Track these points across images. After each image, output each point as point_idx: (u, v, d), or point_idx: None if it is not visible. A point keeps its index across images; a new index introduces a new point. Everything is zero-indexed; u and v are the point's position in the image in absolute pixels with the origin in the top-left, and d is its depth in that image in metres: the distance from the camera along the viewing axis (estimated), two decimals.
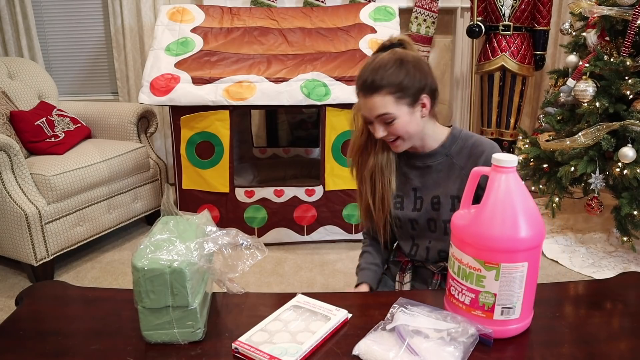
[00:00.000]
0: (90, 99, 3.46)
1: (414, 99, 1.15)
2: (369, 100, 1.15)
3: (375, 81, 1.13)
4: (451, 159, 1.24)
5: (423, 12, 3.28)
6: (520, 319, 0.90)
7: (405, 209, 1.30)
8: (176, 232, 0.92)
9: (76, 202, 2.39)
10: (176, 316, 0.88)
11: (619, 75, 2.28)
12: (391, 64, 1.14)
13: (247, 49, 2.66)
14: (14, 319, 1.01)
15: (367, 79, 1.14)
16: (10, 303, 2.09)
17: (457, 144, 1.24)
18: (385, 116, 1.14)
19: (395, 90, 1.13)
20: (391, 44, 1.20)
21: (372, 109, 1.15)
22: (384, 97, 1.13)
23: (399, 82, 1.13)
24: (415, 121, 1.17)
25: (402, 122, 1.15)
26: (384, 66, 1.14)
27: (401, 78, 1.13)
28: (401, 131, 1.16)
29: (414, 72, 1.14)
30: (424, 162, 1.27)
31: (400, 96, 1.13)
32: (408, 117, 1.16)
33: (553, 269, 2.42)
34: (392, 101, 1.13)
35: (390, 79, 1.13)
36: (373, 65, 1.15)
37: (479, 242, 0.86)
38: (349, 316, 0.97)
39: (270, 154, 3.41)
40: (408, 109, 1.15)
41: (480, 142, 1.22)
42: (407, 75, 1.13)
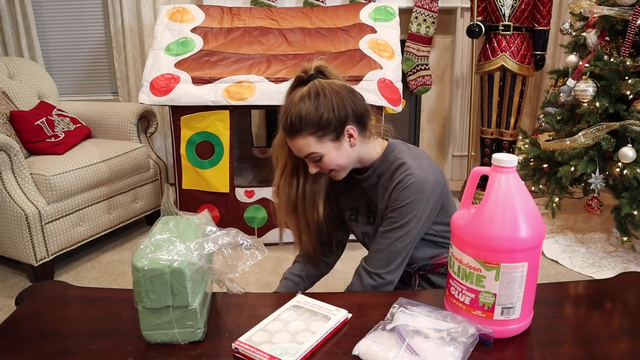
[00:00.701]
0: (90, 99, 3.46)
1: (338, 133, 1.13)
2: (292, 143, 1.15)
3: (294, 124, 1.11)
4: (380, 179, 1.23)
5: (423, 12, 3.28)
6: (520, 319, 0.90)
7: (360, 222, 1.32)
8: (176, 232, 0.92)
9: (76, 202, 2.39)
10: (176, 316, 0.88)
11: (619, 75, 2.28)
12: (307, 104, 1.11)
13: (247, 49, 2.66)
14: (14, 319, 1.01)
15: (287, 121, 1.12)
16: (10, 303, 2.09)
17: (386, 163, 1.21)
18: (312, 155, 1.14)
19: (316, 129, 1.11)
20: (309, 76, 1.16)
21: (297, 150, 1.15)
22: (306, 139, 1.12)
23: (317, 121, 1.10)
24: (345, 152, 1.16)
25: (330, 157, 1.14)
26: (301, 105, 1.11)
27: (319, 116, 1.10)
28: (332, 165, 1.16)
29: (332, 106, 1.11)
30: (362, 183, 1.27)
31: (321, 135, 1.12)
32: (335, 152, 1.14)
33: (553, 269, 2.42)
34: (314, 141, 1.12)
35: (308, 120, 1.10)
36: (291, 106, 1.12)
37: (479, 242, 0.86)
38: (349, 316, 0.97)
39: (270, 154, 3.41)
40: (333, 144, 1.14)
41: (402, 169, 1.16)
42: (326, 110, 1.10)
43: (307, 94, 1.12)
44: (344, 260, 2.51)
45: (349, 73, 2.49)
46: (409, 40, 3.35)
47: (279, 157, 1.24)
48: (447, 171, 3.78)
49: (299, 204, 1.26)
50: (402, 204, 1.14)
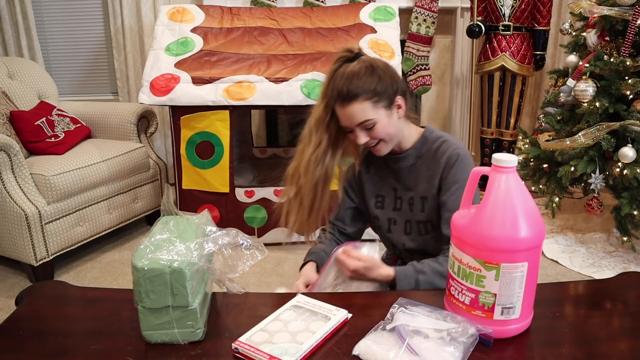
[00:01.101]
0: (90, 99, 3.46)
1: (390, 102, 1.19)
2: (347, 109, 1.17)
3: (351, 90, 1.15)
4: (420, 160, 1.28)
5: (423, 12, 3.28)
6: (520, 319, 0.90)
7: (386, 208, 1.34)
8: (176, 232, 0.92)
9: (76, 202, 2.39)
10: (176, 316, 0.88)
11: (619, 75, 2.28)
12: (363, 72, 1.17)
13: (247, 49, 2.66)
14: (14, 319, 1.01)
15: (342, 89, 1.16)
16: (10, 303, 2.09)
17: (426, 145, 1.28)
18: (366, 122, 1.17)
19: (372, 95, 1.16)
20: (354, 54, 1.22)
21: (351, 117, 1.17)
22: (362, 104, 1.16)
23: (373, 87, 1.16)
24: (394, 122, 1.21)
25: (382, 125, 1.19)
26: (356, 74, 1.16)
27: (375, 83, 1.16)
28: (382, 134, 1.20)
29: (385, 76, 1.18)
30: (397, 164, 1.30)
31: (377, 100, 1.17)
32: (387, 120, 1.19)
33: (553, 269, 2.42)
34: (370, 107, 1.16)
35: (365, 86, 1.16)
36: (346, 75, 1.17)
37: (479, 242, 0.86)
38: (349, 316, 0.97)
39: (270, 154, 3.41)
40: (385, 111, 1.19)
41: (446, 145, 1.25)
42: (380, 80, 1.17)
43: (362, 65, 1.17)
44: None
45: None
46: (409, 40, 3.35)
47: (315, 133, 1.25)
48: None
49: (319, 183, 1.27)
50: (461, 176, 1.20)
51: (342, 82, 1.17)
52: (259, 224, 2.62)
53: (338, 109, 1.19)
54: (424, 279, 1.16)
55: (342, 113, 1.19)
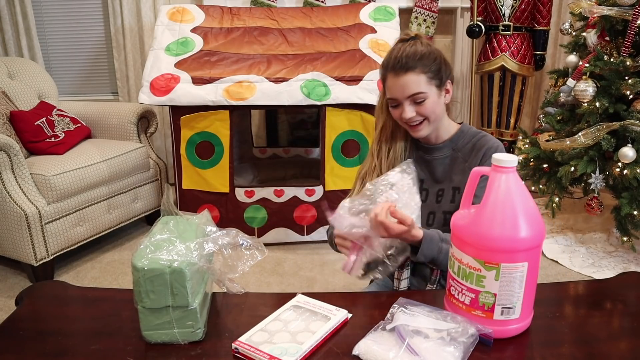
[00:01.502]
0: (90, 99, 3.46)
1: (442, 83, 1.22)
2: (401, 78, 1.18)
3: (410, 61, 1.17)
4: (457, 153, 1.28)
5: (423, 12, 3.28)
6: (520, 319, 0.90)
7: None
8: (176, 232, 0.92)
9: (76, 202, 2.39)
10: (176, 316, 0.88)
11: (619, 75, 2.28)
12: (422, 49, 1.19)
13: (247, 49, 2.66)
14: (14, 319, 1.01)
15: (401, 58, 1.18)
16: (10, 303, 2.09)
17: (464, 139, 1.28)
18: (418, 95, 1.18)
19: (429, 70, 1.18)
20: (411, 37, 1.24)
21: (405, 86, 1.19)
22: (418, 76, 1.17)
23: (430, 63, 1.19)
24: (441, 104, 1.23)
25: (432, 102, 1.20)
26: (415, 49, 1.19)
27: (432, 60, 1.19)
28: (429, 111, 1.20)
29: (440, 59, 1.21)
30: (431, 154, 1.30)
31: (431, 76, 1.19)
32: (436, 98, 1.21)
33: (553, 269, 2.42)
34: (425, 80, 1.18)
35: (424, 59, 1.18)
36: (404, 48, 1.19)
37: (479, 242, 0.86)
38: (349, 316, 0.97)
39: (270, 154, 3.41)
40: (437, 90, 1.21)
41: (485, 139, 1.26)
42: (436, 60, 1.20)
43: (420, 44, 1.20)
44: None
45: (349, 73, 2.49)
46: None
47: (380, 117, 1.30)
48: None
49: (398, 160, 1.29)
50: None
51: (400, 54, 1.19)
52: (259, 224, 2.62)
53: (391, 78, 1.20)
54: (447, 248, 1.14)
55: (394, 82, 1.20)
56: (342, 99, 2.43)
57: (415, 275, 1.32)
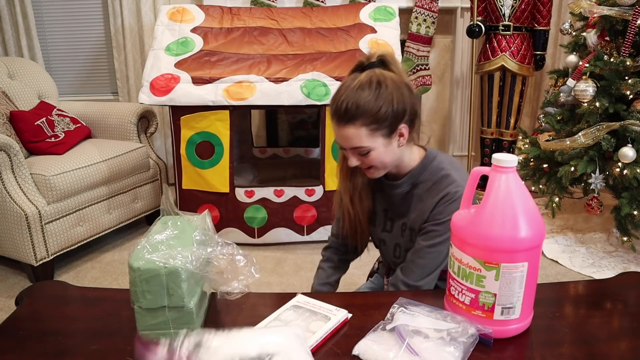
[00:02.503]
0: (90, 99, 3.46)
1: (391, 130, 1.07)
2: (341, 130, 1.07)
3: (350, 111, 1.03)
4: (415, 189, 1.18)
5: (423, 12, 3.28)
6: (520, 319, 0.90)
7: (377, 226, 1.27)
8: (174, 232, 0.92)
9: (76, 202, 2.39)
10: (172, 316, 0.88)
11: (619, 75, 2.28)
12: (367, 91, 1.04)
13: (247, 49, 2.66)
14: (14, 319, 1.01)
15: (340, 106, 1.05)
16: (10, 303, 2.09)
17: (425, 174, 1.17)
18: (360, 149, 1.07)
19: (371, 121, 1.04)
20: (369, 63, 1.09)
21: (344, 139, 1.08)
22: (358, 129, 1.04)
23: (374, 112, 1.03)
24: (392, 151, 1.10)
25: (377, 153, 1.08)
26: (359, 92, 1.04)
27: (378, 108, 1.03)
28: (376, 162, 1.10)
29: (392, 99, 1.05)
30: (390, 189, 1.22)
31: (375, 128, 1.05)
32: (384, 149, 1.08)
33: (553, 269, 2.42)
34: (367, 134, 1.05)
35: (366, 109, 1.03)
36: (348, 91, 1.05)
37: (479, 242, 0.86)
38: (349, 316, 0.97)
39: (270, 154, 3.41)
40: (384, 140, 1.07)
41: (446, 181, 1.13)
42: (385, 103, 1.04)
43: (368, 82, 1.04)
44: None
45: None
46: (409, 40, 3.35)
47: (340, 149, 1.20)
48: None
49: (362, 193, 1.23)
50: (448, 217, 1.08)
51: (342, 98, 1.05)
52: (259, 224, 2.62)
53: (334, 125, 1.09)
54: None
55: (336, 131, 1.09)
56: None
57: None
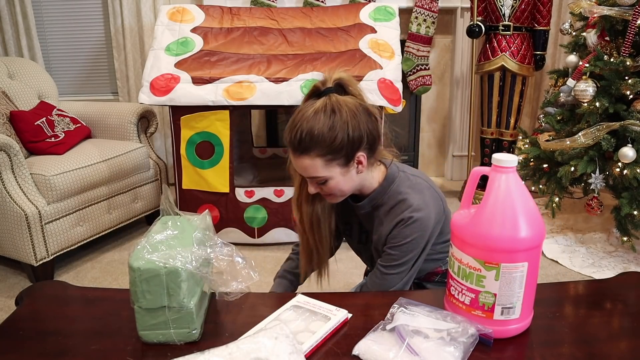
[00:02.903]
0: (90, 99, 3.46)
1: (348, 159, 1.06)
2: (298, 161, 1.06)
3: (304, 141, 1.02)
4: (375, 212, 1.17)
5: (423, 12, 3.28)
6: (520, 319, 0.90)
7: (353, 238, 1.28)
8: (174, 232, 0.92)
9: (76, 202, 2.39)
10: (172, 316, 0.88)
11: (619, 75, 2.28)
12: (322, 121, 1.01)
13: (247, 49, 2.66)
14: (14, 319, 1.01)
15: (295, 136, 1.02)
16: (10, 303, 2.09)
17: (383, 196, 1.15)
18: (317, 178, 1.07)
19: (326, 152, 1.02)
20: (326, 88, 1.06)
21: (301, 169, 1.07)
22: (313, 160, 1.03)
23: (329, 143, 1.01)
24: (350, 179, 1.09)
25: (335, 182, 1.07)
26: (314, 123, 1.01)
27: (332, 138, 1.01)
28: (333, 190, 1.09)
29: (347, 127, 1.02)
30: (354, 211, 1.22)
31: (331, 158, 1.03)
32: (342, 177, 1.07)
33: (553, 269, 2.42)
34: (322, 164, 1.04)
35: (320, 140, 1.01)
36: (302, 120, 1.02)
37: (479, 242, 0.86)
38: (349, 316, 0.97)
39: (270, 154, 3.41)
40: (341, 169, 1.06)
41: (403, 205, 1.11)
42: (340, 132, 1.01)
43: (323, 110, 1.02)
44: (344, 261, 2.51)
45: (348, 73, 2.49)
46: (409, 40, 3.35)
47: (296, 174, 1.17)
48: (447, 171, 3.78)
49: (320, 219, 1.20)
50: (403, 242, 1.09)
51: (297, 127, 1.02)
52: (259, 224, 2.62)
53: (290, 154, 1.07)
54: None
55: (293, 160, 1.07)
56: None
57: None
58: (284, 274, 1.39)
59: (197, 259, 0.88)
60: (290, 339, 0.82)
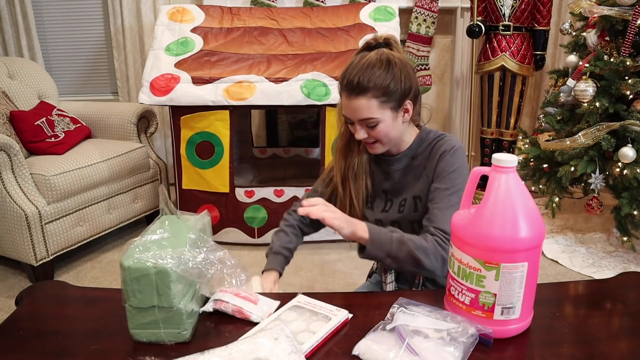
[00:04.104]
0: (90, 99, 3.46)
1: (398, 104, 1.14)
2: (353, 102, 1.12)
3: (362, 83, 1.09)
4: (415, 161, 1.23)
5: (423, 12, 3.28)
6: (520, 319, 0.90)
7: (375, 209, 1.29)
8: (168, 233, 0.92)
9: (76, 202, 2.39)
10: (162, 316, 0.88)
11: (619, 75, 2.28)
12: (378, 66, 1.10)
13: (247, 49, 2.66)
14: (14, 319, 1.01)
15: (353, 79, 1.11)
16: (10, 303, 2.09)
17: (422, 145, 1.23)
18: (369, 120, 1.13)
19: (381, 94, 1.10)
20: (377, 43, 1.16)
21: (355, 111, 1.13)
22: (369, 101, 1.10)
23: (385, 85, 1.10)
24: (397, 126, 1.16)
25: (385, 126, 1.14)
26: (370, 67, 1.10)
27: (388, 81, 1.10)
28: (381, 135, 1.15)
29: (400, 75, 1.11)
30: (390, 166, 1.26)
31: (385, 100, 1.11)
32: (390, 122, 1.14)
33: (553, 269, 2.42)
34: (377, 105, 1.11)
35: (377, 82, 1.09)
36: (360, 66, 1.11)
37: (479, 242, 0.86)
38: (350, 316, 0.97)
39: (270, 154, 3.41)
40: (391, 113, 1.13)
41: (441, 141, 1.20)
42: (394, 79, 1.11)
43: (378, 59, 1.11)
44: (344, 261, 2.51)
45: None
46: (409, 40, 3.35)
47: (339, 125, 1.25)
48: None
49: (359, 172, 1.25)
50: (451, 170, 1.15)
51: (354, 72, 1.11)
52: (259, 224, 2.62)
53: (344, 97, 1.14)
54: (398, 237, 1.10)
55: (346, 103, 1.14)
56: None
57: (399, 280, 1.31)
58: (279, 250, 1.36)
59: (187, 260, 0.88)
60: (290, 339, 0.82)
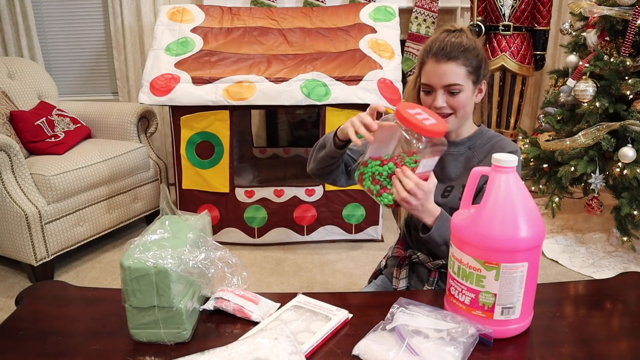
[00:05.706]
0: (90, 99, 3.46)
1: (478, 80, 1.21)
2: (442, 66, 1.16)
3: (454, 50, 1.16)
4: (472, 152, 1.27)
5: (423, 12, 3.28)
6: (520, 319, 0.90)
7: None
8: (168, 233, 0.92)
9: (76, 202, 2.39)
10: (162, 316, 0.88)
11: (619, 75, 2.28)
12: (467, 42, 1.18)
13: (247, 49, 2.66)
14: (14, 319, 1.01)
15: (446, 45, 1.16)
16: (10, 303, 2.09)
17: (482, 139, 1.27)
18: (454, 86, 1.17)
19: (470, 64, 1.17)
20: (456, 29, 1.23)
21: (443, 75, 1.17)
22: (459, 67, 1.16)
23: (472, 58, 1.18)
24: (471, 103, 1.22)
25: (465, 96, 1.18)
26: (460, 41, 1.18)
27: (474, 56, 1.18)
28: (460, 105, 1.18)
29: (482, 57, 1.21)
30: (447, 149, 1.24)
31: (471, 71, 1.18)
32: (470, 94, 1.20)
33: (553, 269, 2.42)
34: (464, 73, 1.17)
35: (468, 53, 1.17)
36: (449, 38, 1.18)
37: (479, 242, 0.86)
38: (350, 316, 0.97)
39: (270, 154, 3.41)
40: (472, 87, 1.20)
41: (503, 142, 1.25)
42: (478, 56, 1.19)
43: (465, 37, 1.19)
44: (344, 261, 2.51)
45: (349, 73, 2.49)
46: (409, 40, 3.35)
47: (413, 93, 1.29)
48: None
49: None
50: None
51: (445, 42, 1.17)
52: (259, 224, 2.62)
53: (431, 64, 1.18)
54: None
55: (433, 69, 1.18)
56: (342, 99, 2.43)
57: (412, 277, 1.31)
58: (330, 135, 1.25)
59: (187, 260, 0.88)
60: (290, 339, 0.82)
